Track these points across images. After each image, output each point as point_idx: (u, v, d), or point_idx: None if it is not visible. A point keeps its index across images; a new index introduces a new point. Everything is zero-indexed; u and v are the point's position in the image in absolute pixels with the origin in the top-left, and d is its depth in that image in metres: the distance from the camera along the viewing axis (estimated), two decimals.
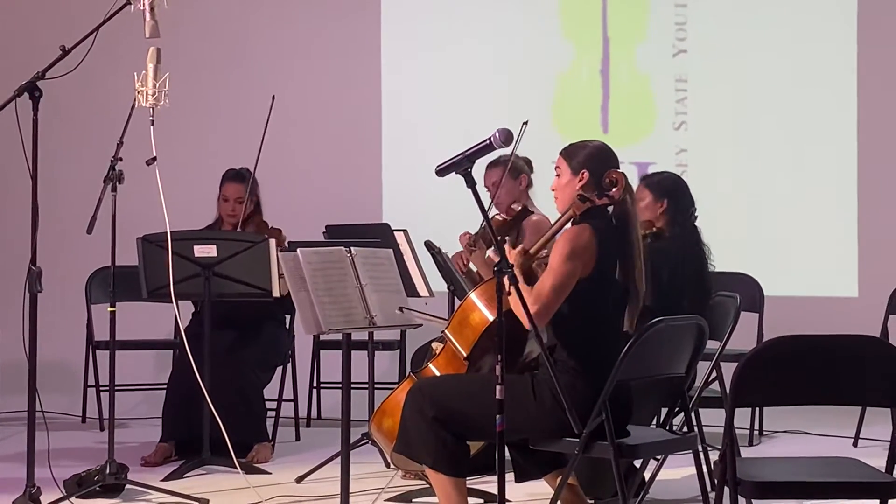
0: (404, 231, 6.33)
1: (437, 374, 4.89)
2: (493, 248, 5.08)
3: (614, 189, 4.57)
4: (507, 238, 4.88)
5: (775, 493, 4.04)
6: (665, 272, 5.44)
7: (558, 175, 4.70)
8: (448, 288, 6.20)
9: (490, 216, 5.76)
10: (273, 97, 6.69)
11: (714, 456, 4.69)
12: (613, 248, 4.55)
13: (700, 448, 4.79)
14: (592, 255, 4.50)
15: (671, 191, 5.69)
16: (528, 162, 6.33)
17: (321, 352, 7.58)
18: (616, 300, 4.58)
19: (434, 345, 5.18)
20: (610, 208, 4.62)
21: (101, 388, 7.43)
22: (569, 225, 4.62)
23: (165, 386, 6.58)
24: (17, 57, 7.51)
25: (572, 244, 4.49)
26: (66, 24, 6.18)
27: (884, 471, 4.00)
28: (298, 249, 4.94)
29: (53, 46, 5.04)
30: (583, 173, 4.62)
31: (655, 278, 5.35)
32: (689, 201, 5.74)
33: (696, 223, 5.74)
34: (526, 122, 5.88)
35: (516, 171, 6.24)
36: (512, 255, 4.55)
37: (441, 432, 4.55)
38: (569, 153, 4.69)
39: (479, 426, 4.48)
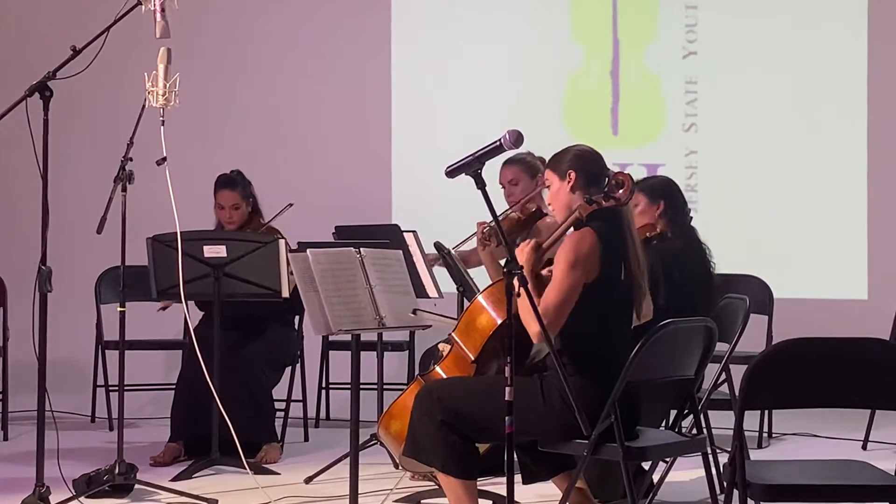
0: (414, 232, 6.33)
1: (444, 376, 4.88)
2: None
3: (621, 190, 4.57)
4: (517, 240, 4.86)
5: (785, 496, 4.03)
6: (675, 271, 5.43)
7: (548, 186, 4.71)
8: (457, 289, 6.20)
9: (504, 214, 5.76)
10: (290, 204, 6.68)
11: (723, 458, 4.69)
12: (619, 250, 4.55)
13: (709, 450, 4.78)
14: (596, 259, 4.50)
15: (665, 192, 5.68)
16: (543, 162, 6.31)
17: (330, 352, 7.59)
18: (623, 301, 4.58)
19: (441, 346, 5.18)
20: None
21: (110, 388, 7.44)
22: (571, 230, 4.62)
23: (174, 386, 6.58)
24: (27, 57, 7.52)
25: (575, 253, 4.48)
26: (76, 25, 6.20)
27: (893, 474, 4.00)
28: (308, 250, 4.94)
29: (64, 46, 5.05)
30: (569, 174, 4.63)
31: (668, 278, 5.36)
32: (683, 201, 5.75)
33: (691, 223, 5.74)
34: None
35: (534, 171, 6.23)
36: (525, 250, 4.54)
37: (450, 435, 4.55)
38: (553, 162, 4.72)
39: (488, 428, 4.48)
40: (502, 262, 5.81)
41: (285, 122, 8.74)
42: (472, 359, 4.80)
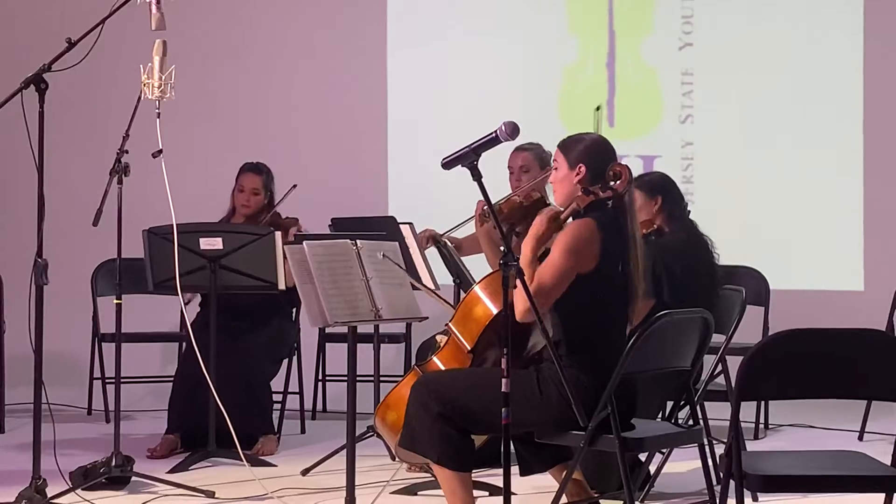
0: (410, 224, 6.32)
1: (441, 367, 4.89)
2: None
3: (618, 182, 4.57)
4: (515, 230, 4.87)
5: (781, 487, 4.04)
6: (677, 267, 5.44)
7: (556, 168, 4.70)
8: (453, 281, 6.21)
9: (506, 197, 5.77)
10: (294, 185, 6.70)
11: (719, 449, 4.70)
12: (616, 242, 4.55)
13: (705, 441, 4.79)
14: (596, 249, 4.50)
15: (662, 187, 5.69)
16: (550, 156, 6.36)
17: (326, 344, 7.59)
18: (621, 294, 4.57)
19: (438, 337, 5.19)
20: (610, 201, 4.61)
21: (106, 381, 7.44)
22: (571, 219, 4.63)
23: (171, 378, 6.59)
24: (23, 49, 7.51)
25: (575, 239, 4.48)
26: (72, 17, 6.19)
27: (889, 464, 4.00)
28: (304, 242, 4.94)
29: (60, 39, 5.04)
30: (580, 167, 4.62)
31: (669, 274, 5.36)
32: (680, 196, 5.76)
33: (690, 216, 5.75)
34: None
35: (543, 162, 6.25)
36: (543, 219, 4.54)
37: (446, 428, 4.55)
38: (566, 146, 4.69)
39: (485, 420, 4.48)
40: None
41: (281, 115, 8.73)
42: (469, 349, 4.81)
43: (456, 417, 4.55)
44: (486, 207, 5.71)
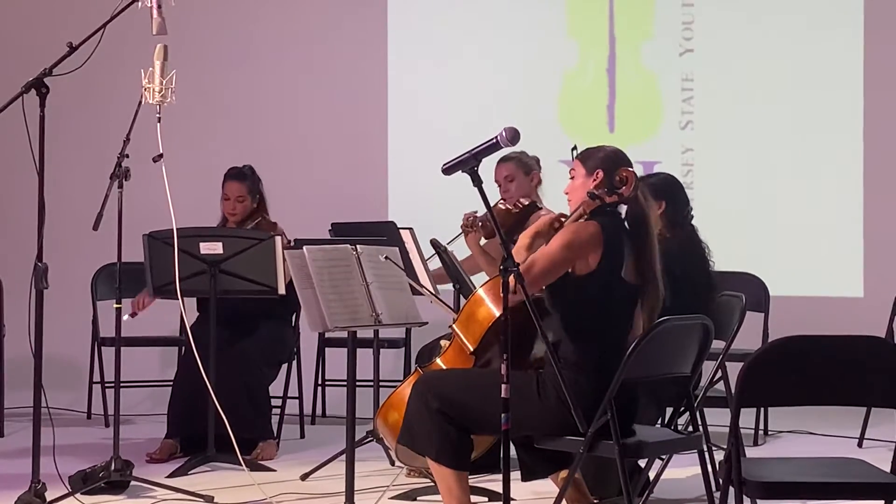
0: (410, 229, 6.33)
1: (444, 368, 4.90)
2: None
3: (624, 187, 4.59)
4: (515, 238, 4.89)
5: (780, 494, 4.04)
6: (676, 270, 5.44)
7: (572, 178, 4.73)
8: (453, 286, 6.21)
9: (493, 204, 5.79)
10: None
11: (719, 456, 4.70)
12: (622, 247, 4.55)
13: (705, 448, 4.78)
14: (597, 251, 4.52)
15: (668, 192, 5.67)
16: (537, 161, 6.38)
17: (326, 349, 7.59)
18: (623, 298, 4.58)
19: (443, 342, 5.22)
20: (622, 208, 4.63)
21: (106, 385, 7.43)
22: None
23: (170, 382, 6.58)
24: (24, 53, 7.52)
25: (574, 236, 4.52)
26: (73, 21, 6.19)
27: (889, 471, 4.00)
28: (305, 247, 4.94)
29: (61, 43, 5.05)
30: (597, 173, 4.66)
31: (670, 277, 5.36)
32: (686, 200, 5.74)
33: (692, 222, 5.74)
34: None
35: (528, 168, 6.28)
36: (547, 217, 4.61)
37: (444, 425, 4.56)
38: (585, 155, 4.74)
39: (483, 420, 4.49)
40: (482, 242, 5.90)
41: (282, 120, 8.74)
42: (471, 350, 4.83)
43: (455, 415, 4.57)
44: (470, 219, 5.82)
